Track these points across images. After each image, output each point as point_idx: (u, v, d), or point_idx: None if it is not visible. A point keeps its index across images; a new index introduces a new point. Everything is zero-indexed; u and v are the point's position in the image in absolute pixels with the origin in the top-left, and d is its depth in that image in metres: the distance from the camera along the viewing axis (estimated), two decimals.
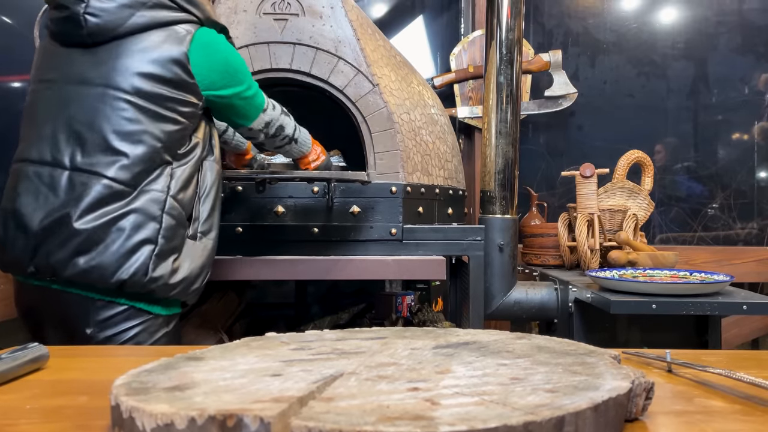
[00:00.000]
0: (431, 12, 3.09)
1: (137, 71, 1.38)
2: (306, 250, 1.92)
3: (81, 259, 1.32)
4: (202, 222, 1.49)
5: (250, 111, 1.58)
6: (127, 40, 1.40)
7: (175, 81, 1.41)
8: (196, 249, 1.46)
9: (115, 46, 1.39)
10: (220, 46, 1.51)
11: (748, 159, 3.01)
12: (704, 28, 3.01)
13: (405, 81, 2.14)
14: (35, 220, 1.34)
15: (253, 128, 1.61)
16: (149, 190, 1.37)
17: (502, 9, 2.14)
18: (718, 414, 0.64)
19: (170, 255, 1.39)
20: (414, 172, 2.01)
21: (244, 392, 0.55)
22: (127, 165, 1.35)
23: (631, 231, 2.23)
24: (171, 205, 1.40)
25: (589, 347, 0.75)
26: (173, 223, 1.39)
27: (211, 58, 1.47)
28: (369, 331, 0.84)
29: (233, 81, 1.51)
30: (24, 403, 0.67)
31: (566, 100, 2.88)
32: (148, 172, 1.38)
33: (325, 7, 2.02)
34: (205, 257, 1.49)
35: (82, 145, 1.36)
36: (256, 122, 1.59)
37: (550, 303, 2.09)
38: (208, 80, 1.46)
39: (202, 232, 1.49)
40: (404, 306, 2.54)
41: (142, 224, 1.35)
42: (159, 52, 1.39)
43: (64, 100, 1.39)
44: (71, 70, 1.41)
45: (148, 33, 1.40)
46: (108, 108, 1.36)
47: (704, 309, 1.70)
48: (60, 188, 1.34)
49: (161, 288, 1.38)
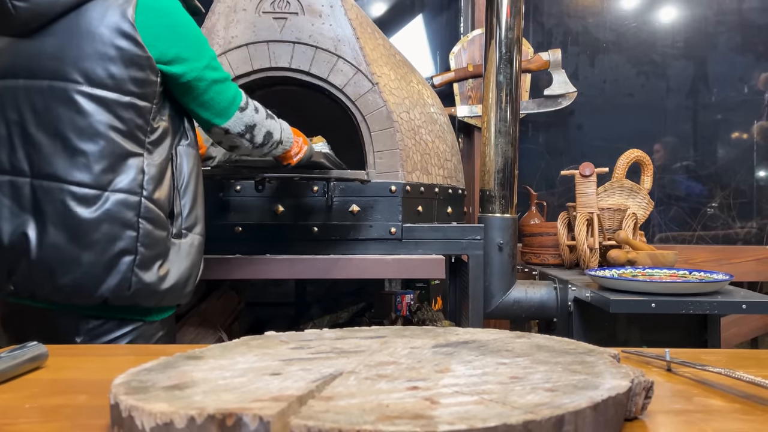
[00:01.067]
0: (431, 11, 3.09)
1: (81, 54, 1.23)
2: (305, 249, 1.92)
3: (58, 278, 1.23)
4: (185, 217, 1.36)
5: (220, 102, 1.35)
6: (66, 20, 1.24)
7: (126, 57, 1.24)
8: (183, 249, 1.34)
9: (55, 30, 1.24)
10: (171, 10, 1.30)
11: (747, 158, 3.01)
12: (704, 28, 3.01)
13: (404, 80, 2.14)
14: (5, 237, 1.24)
15: (230, 130, 1.37)
16: (118, 191, 1.24)
17: (502, 8, 2.14)
18: (718, 413, 0.64)
19: (154, 262, 1.28)
20: (413, 171, 2.01)
21: (244, 391, 0.55)
22: (87, 164, 1.23)
23: (631, 230, 2.23)
24: (147, 209, 1.27)
25: (588, 346, 0.75)
26: (151, 228, 1.27)
27: (159, 21, 1.28)
28: (368, 330, 0.84)
29: (187, 51, 1.30)
30: (23, 402, 0.67)
31: (566, 99, 2.88)
32: (113, 168, 1.24)
33: (324, 6, 2.02)
34: (193, 255, 1.37)
35: (39, 148, 1.23)
36: (233, 122, 1.37)
37: (550, 302, 2.09)
38: (157, 49, 1.27)
39: (187, 228, 1.36)
40: (404, 305, 2.54)
41: (116, 234, 1.23)
42: (102, 27, 1.23)
43: (13, 100, 1.26)
44: (15, 64, 1.27)
45: (86, 7, 1.24)
46: (58, 103, 1.23)
47: (703, 308, 1.70)
48: (24, 199, 1.24)
49: (149, 298, 1.29)
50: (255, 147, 1.44)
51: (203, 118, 1.37)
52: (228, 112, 1.37)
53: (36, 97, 1.25)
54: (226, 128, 1.38)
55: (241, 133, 1.39)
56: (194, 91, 1.33)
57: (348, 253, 1.92)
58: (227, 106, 1.36)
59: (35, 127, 1.24)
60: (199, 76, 1.32)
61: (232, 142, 1.41)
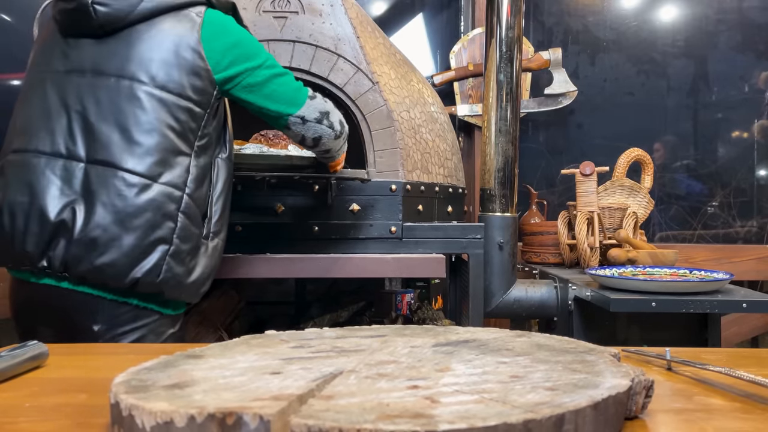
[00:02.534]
0: (431, 10, 3.09)
1: (150, 59, 1.35)
2: (306, 248, 1.92)
3: (95, 255, 1.29)
4: (215, 222, 1.45)
5: (286, 92, 1.45)
6: (138, 27, 1.37)
7: (188, 66, 1.37)
8: (209, 249, 1.43)
9: (127, 35, 1.37)
10: (230, 25, 1.45)
11: (747, 157, 3.01)
12: (704, 26, 3.01)
13: (405, 79, 2.14)
14: (51, 213, 1.30)
15: (306, 117, 1.44)
16: (166, 184, 1.33)
17: (502, 7, 2.14)
18: (718, 412, 0.64)
19: (185, 256, 1.36)
20: (414, 170, 2.01)
21: (244, 390, 0.55)
22: (141, 155, 1.32)
23: (631, 229, 2.23)
24: (187, 204, 1.36)
25: (588, 345, 0.75)
26: (188, 223, 1.36)
27: (219, 35, 1.41)
28: (369, 329, 0.84)
29: (242, 55, 1.43)
30: (23, 401, 0.67)
31: (566, 98, 2.88)
32: (164, 162, 1.34)
33: (324, 5, 2.02)
34: (215, 257, 1.46)
35: (98, 136, 1.33)
36: (306, 109, 1.45)
37: (550, 301, 2.09)
38: (215, 60, 1.40)
39: (214, 232, 1.45)
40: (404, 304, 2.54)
41: (157, 223, 1.32)
42: (172, 38, 1.37)
43: (77, 92, 1.36)
44: (83, 61, 1.38)
45: (159, 18, 1.38)
46: (122, 99, 1.34)
47: (704, 307, 1.70)
48: (76, 181, 1.32)
49: (173, 289, 1.35)
50: (337, 135, 1.51)
51: (275, 111, 1.44)
52: (298, 99, 1.45)
53: (101, 92, 1.35)
54: (302, 116, 1.45)
55: (318, 119, 1.46)
56: (255, 86, 1.43)
57: (348, 252, 1.92)
58: (295, 94, 1.45)
59: (96, 117, 1.34)
60: (256, 72, 1.43)
61: (314, 131, 1.47)
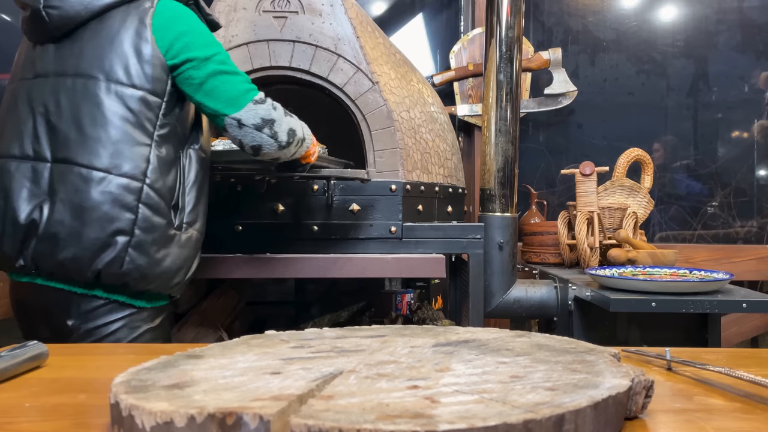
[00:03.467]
0: (431, 10, 3.09)
1: (103, 54, 1.37)
2: (306, 248, 1.92)
3: (58, 250, 1.33)
4: (188, 212, 1.45)
5: (227, 91, 1.40)
6: (91, 25, 1.39)
7: (141, 56, 1.38)
8: (181, 241, 1.43)
9: (81, 34, 1.40)
10: (184, 15, 1.43)
11: (747, 157, 3.01)
12: (704, 26, 3.01)
13: (405, 79, 2.14)
14: (22, 215, 1.35)
15: (243, 121, 1.39)
16: (122, 175, 1.34)
17: (502, 7, 2.14)
18: (718, 412, 0.64)
19: (150, 247, 1.36)
20: (413, 170, 2.01)
21: (244, 390, 0.55)
22: (95, 149, 1.34)
23: (631, 229, 2.23)
24: (148, 195, 1.36)
25: (588, 345, 0.75)
26: (150, 214, 1.36)
27: (171, 23, 1.40)
28: (369, 329, 0.84)
29: (191, 45, 1.40)
30: (23, 401, 0.67)
31: (566, 98, 2.88)
32: (120, 154, 1.34)
33: (324, 5, 2.02)
34: (189, 249, 1.45)
35: (59, 136, 1.36)
36: (246, 113, 1.39)
37: (550, 301, 2.09)
38: (165, 48, 1.39)
39: (188, 223, 1.45)
40: (404, 304, 2.54)
41: (116, 215, 1.33)
42: (123, 30, 1.38)
43: (40, 95, 1.40)
44: (47, 65, 1.41)
45: (110, 13, 1.39)
46: (79, 97, 1.36)
47: (704, 307, 1.70)
48: (43, 181, 1.35)
49: (138, 280, 1.36)
50: (282, 147, 1.43)
51: (212, 109, 1.41)
52: (239, 101, 1.39)
53: (61, 92, 1.38)
54: (239, 119, 1.39)
55: (257, 125, 1.39)
56: (196, 80, 1.40)
57: (348, 252, 1.92)
58: (237, 96, 1.40)
59: (57, 117, 1.37)
60: (201, 65, 1.39)
61: (252, 139, 1.40)
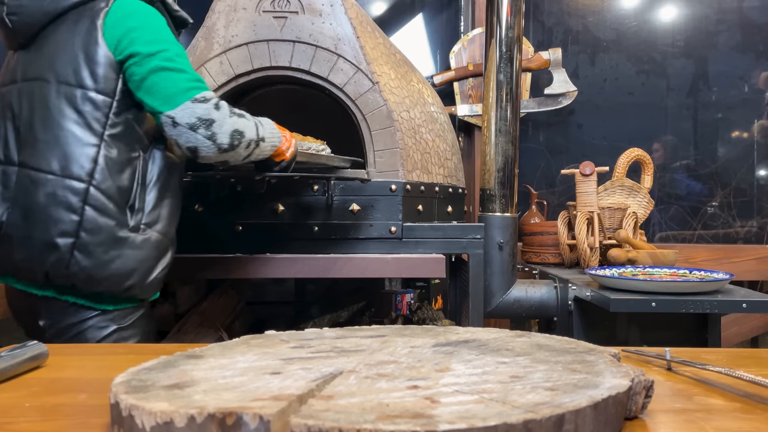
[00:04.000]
0: (431, 10, 3.09)
1: (56, 57, 1.37)
2: (305, 248, 1.92)
3: (13, 252, 1.35)
4: (147, 213, 1.41)
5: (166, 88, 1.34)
6: (49, 29, 1.40)
7: (89, 56, 1.36)
8: (136, 243, 1.38)
9: (41, 39, 1.41)
10: (137, 12, 1.39)
11: (747, 157, 3.01)
12: (704, 26, 3.01)
13: (405, 79, 2.14)
14: None
15: (177, 120, 1.32)
16: (66, 176, 1.32)
17: (502, 7, 2.14)
18: (718, 412, 0.64)
19: (96, 248, 1.33)
20: (414, 170, 2.01)
21: (244, 390, 0.55)
22: (42, 151, 1.34)
23: (631, 229, 2.23)
24: (94, 196, 1.33)
25: (588, 345, 0.75)
26: (96, 216, 1.33)
27: (123, 21, 1.38)
28: (369, 330, 0.84)
29: (139, 40, 1.36)
30: (23, 401, 0.67)
31: (566, 98, 2.88)
32: (65, 156, 1.33)
33: (324, 5, 2.02)
34: (146, 251, 1.40)
35: (21, 140, 1.38)
36: (181, 111, 1.32)
37: (550, 301, 2.09)
38: (114, 45, 1.36)
39: (147, 224, 1.41)
40: (404, 304, 2.54)
41: (60, 217, 1.32)
42: (76, 31, 1.37)
43: (9, 101, 1.42)
44: (16, 71, 1.44)
45: (66, 16, 1.39)
46: (35, 101, 1.37)
47: (704, 307, 1.70)
48: (11, 184, 1.37)
49: (85, 282, 1.35)
50: (222, 150, 1.34)
51: (149, 106, 1.36)
52: (176, 98, 1.33)
53: (23, 97, 1.40)
54: (173, 116, 1.32)
55: (192, 125, 1.31)
56: (138, 76, 1.35)
57: (348, 252, 1.92)
58: (175, 93, 1.33)
59: (20, 122, 1.39)
60: (144, 61, 1.35)
61: (187, 140, 1.33)
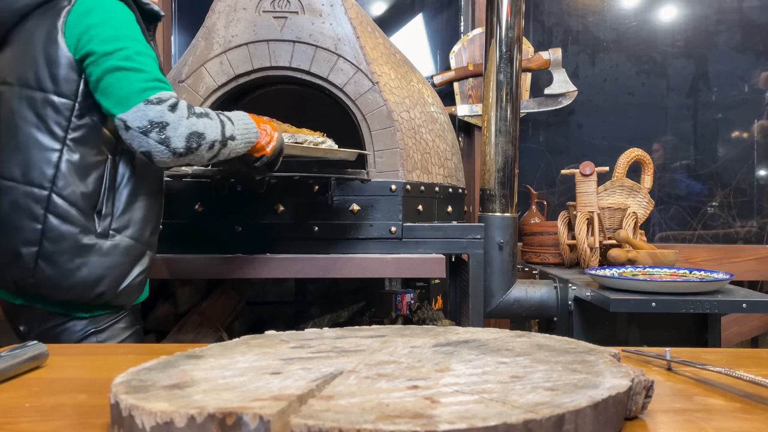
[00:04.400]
0: (431, 10, 3.09)
1: (18, 59, 1.33)
2: (305, 248, 1.92)
3: None
4: (116, 218, 1.35)
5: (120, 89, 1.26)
6: (15, 30, 1.35)
7: (50, 58, 1.30)
8: (103, 249, 1.33)
9: (9, 41, 1.37)
10: (99, 9, 1.31)
11: (747, 157, 3.01)
12: (704, 26, 3.01)
13: (405, 79, 2.14)
14: None
15: (128, 124, 1.24)
16: (27, 183, 1.28)
17: (502, 7, 2.14)
18: (718, 412, 0.64)
19: (59, 257, 1.29)
20: (413, 171, 2.01)
21: (244, 390, 0.55)
22: (8, 158, 1.30)
23: (631, 229, 2.23)
24: (55, 204, 1.29)
25: (588, 345, 0.75)
26: (59, 223, 1.29)
27: (83, 19, 1.30)
28: (369, 330, 0.84)
29: (97, 38, 1.28)
30: (23, 401, 0.67)
31: (566, 98, 2.88)
32: (25, 162, 1.29)
33: (324, 5, 2.02)
34: (115, 257, 1.34)
35: None
36: (132, 114, 1.24)
37: (550, 301, 2.09)
38: (74, 45, 1.30)
39: (116, 230, 1.35)
40: (404, 304, 2.54)
41: (22, 225, 1.29)
42: (38, 32, 1.32)
43: None
44: None
45: (29, 16, 1.34)
46: (2, 105, 1.33)
47: (704, 307, 1.70)
48: None
49: (52, 291, 1.32)
50: (178, 154, 1.26)
51: (105, 108, 1.29)
52: (128, 101, 1.25)
53: None
54: (124, 120, 1.25)
55: (144, 129, 1.23)
56: (93, 76, 1.29)
57: (348, 252, 1.92)
58: (129, 94, 1.25)
59: None
60: (101, 60, 1.27)
61: (140, 144, 1.25)
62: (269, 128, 1.43)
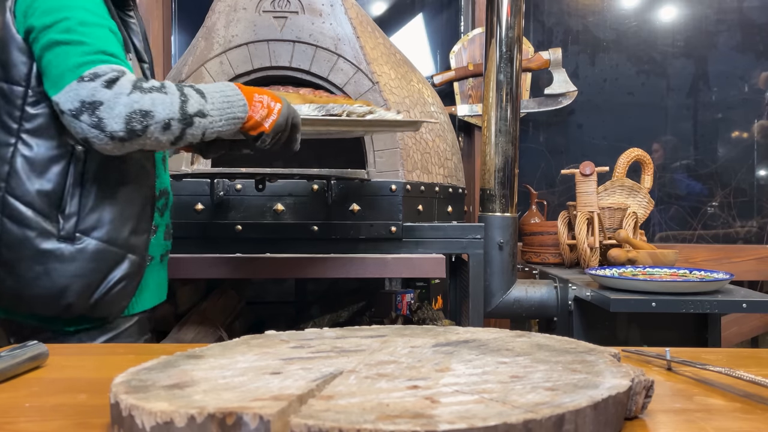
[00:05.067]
0: (431, 10, 3.09)
1: None
2: (305, 248, 1.92)
3: None
4: (83, 218, 1.18)
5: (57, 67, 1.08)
6: None
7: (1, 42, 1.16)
8: (67, 254, 1.17)
9: None
10: None
11: (747, 157, 3.01)
12: (704, 26, 3.01)
13: (405, 79, 2.14)
14: None
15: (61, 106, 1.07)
16: None
17: (502, 7, 2.14)
18: (718, 412, 0.64)
19: (18, 265, 1.16)
20: (414, 170, 2.01)
21: (244, 390, 0.55)
22: None
23: (631, 229, 2.23)
24: (9, 205, 1.15)
25: (588, 345, 0.75)
26: (13, 227, 1.15)
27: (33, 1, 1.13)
28: (369, 329, 0.84)
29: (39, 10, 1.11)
30: (23, 401, 0.67)
31: (566, 98, 2.88)
32: None
33: (324, 5, 2.02)
34: (82, 262, 1.18)
35: None
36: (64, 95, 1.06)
37: (550, 301, 2.09)
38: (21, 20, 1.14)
39: (83, 231, 1.18)
40: (404, 304, 2.54)
41: None
42: None
43: None
44: None
45: None
46: None
47: (704, 307, 1.70)
48: None
49: (14, 303, 1.20)
50: (118, 138, 1.06)
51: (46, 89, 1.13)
52: (62, 80, 1.07)
53: None
54: (57, 102, 1.08)
55: (75, 111, 1.06)
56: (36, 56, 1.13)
57: (348, 252, 1.92)
58: (63, 72, 1.08)
59: None
60: (38, 35, 1.11)
61: (74, 129, 1.08)
62: (267, 99, 1.18)
